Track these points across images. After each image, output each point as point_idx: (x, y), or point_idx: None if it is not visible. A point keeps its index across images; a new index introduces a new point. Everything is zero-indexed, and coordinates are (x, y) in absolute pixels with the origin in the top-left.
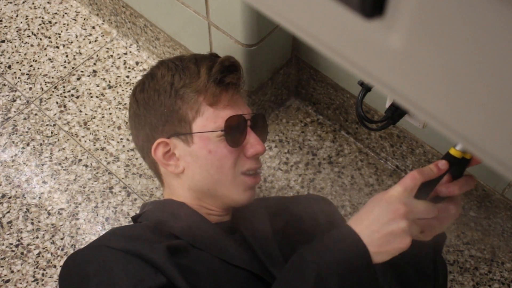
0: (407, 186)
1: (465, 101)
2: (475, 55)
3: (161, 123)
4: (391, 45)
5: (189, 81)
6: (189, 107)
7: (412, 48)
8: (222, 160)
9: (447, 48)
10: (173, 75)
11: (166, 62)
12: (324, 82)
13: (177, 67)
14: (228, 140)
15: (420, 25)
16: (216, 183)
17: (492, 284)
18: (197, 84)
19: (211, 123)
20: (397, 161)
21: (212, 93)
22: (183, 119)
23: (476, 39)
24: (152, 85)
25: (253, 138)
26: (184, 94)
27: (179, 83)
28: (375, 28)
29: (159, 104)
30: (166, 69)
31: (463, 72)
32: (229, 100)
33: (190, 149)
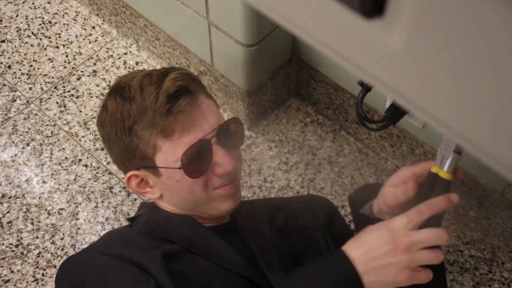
0: (412, 220)
1: (465, 101)
2: (475, 54)
3: (126, 158)
4: (391, 45)
5: (137, 117)
6: (145, 144)
7: (412, 48)
8: (191, 187)
9: (447, 48)
10: (122, 112)
11: (115, 92)
12: (324, 82)
13: (125, 100)
14: (189, 173)
15: (420, 25)
16: (195, 203)
17: (492, 284)
18: (145, 120)
19: (170, 157)
20: (397, 161)
21: (162, 127)
22: (143, 155)
23: (476, 38)
24: (108, 120)
25: (220, 157)
26: (137, 131)
27: (129, 121)
28: (375, 28)
29: (118, 141)
30: (115, 103)
31: (463, 71)
32: (182, 126)
33: (160, 179)
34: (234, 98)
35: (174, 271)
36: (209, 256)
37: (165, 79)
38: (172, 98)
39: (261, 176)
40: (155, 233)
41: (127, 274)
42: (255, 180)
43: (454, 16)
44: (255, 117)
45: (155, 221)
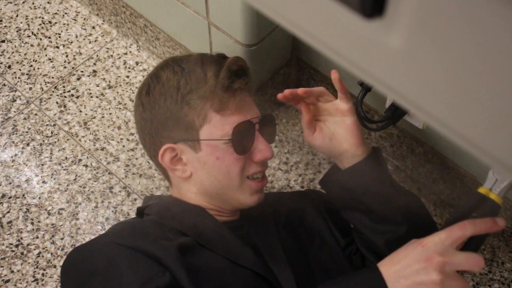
0: (453, 235)
1: (465, 101)
2: (475, 54)
3: (168, 128)
4: (391, 45)
5: (195, 86)
6: (195, 113)
7: (412, 48)
8: (229, 167)
9: (447, 48)
10: (179, 80)
11: (172, 64)
12: (324, 82)
13: (183, 70)
14: (236, 148)
15: (419, 25)
16: (224, 188)
17: (492, 284)
18: (203, 90)
19: (218, 130)
20: (397, 161)
21: (219, 100)
22: (190, 125)
23: (476, 38)
24: (158, 89)
25: (261, 143)
26: (191, 100)
27: (185, 89)
28: (375, 28)
29: (165, 109)
30: (172, 73)
31: (463, 72)
32: (236, 105)
33: (198, 155)
34: None
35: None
36: (220, 251)
37: (226, 59)
38: (234, 75)
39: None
40: (168, 224)
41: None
42: None
43: (454, 16)
44: None
45: (168, 212)
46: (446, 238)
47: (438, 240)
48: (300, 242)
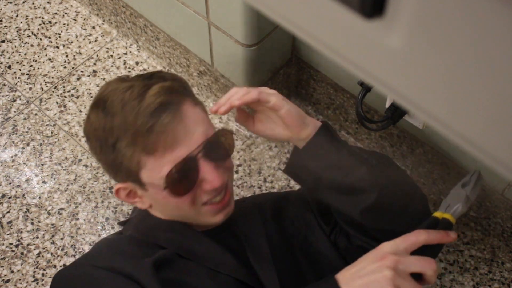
0: (407, 240)
1: (465, 101)
2: (475, 54)
3: (112, 171)
4: (391, 45)
5: (119, 134)
6: (129, 161)
7: (412, 48)
8: (178, 204)
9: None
10: (104, 128)
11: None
12: (324, 82)
13: (106, 115)
14: (174, 193)
15: (420, 25)
16: (184, 217)
17: (492, 284)
18: (127, 138)
19: (155, 173)
20: (397, 161)
21: (144, 146)
22: (128, 171)
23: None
24: (92, 135)
25: (207, 173)
26: (120, 148)
27: (112, 138)
28: (375, 28)
29: (103, 156)
30: (97, 118)
31: (463, 71)
32: (165, 144)
33: (148, 193)
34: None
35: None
36: (201, 260)
37: (146, 93)
38: (153, 115)
39: (261, 176)
40: (145, 239)
41: (118, 286)
42: (255, 180)
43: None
44: None
45: (145, 227)
46: (401, 242)
47: (393, 243)
48: (286, 236)
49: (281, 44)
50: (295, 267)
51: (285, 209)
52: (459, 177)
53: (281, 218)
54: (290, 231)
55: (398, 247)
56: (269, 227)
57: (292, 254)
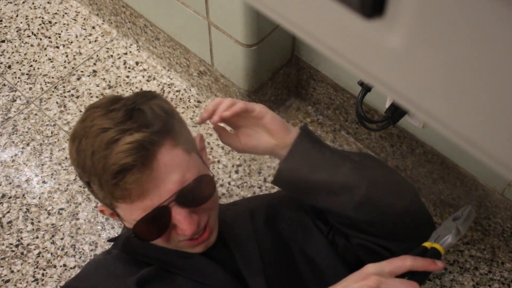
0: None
1: (465, 101)
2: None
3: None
4: (391, 45)
5: (91, 177)
6: (103, 199)
7: (412, 48)
8: (154, 242)
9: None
10: (78, 165)
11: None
12: (324, 82)
13: (79, 155)
14: (145, 238)
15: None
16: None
17: (492, 284)
18: (97, 184)
19: (128, 215)
20: (397, 161)
21: (113, 196)
22: (105, 203)
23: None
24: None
25: (179, 221)
26: (93, 188)
27: (85, 176)
28: (375, 28)
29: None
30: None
31: (463, 71)
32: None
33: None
34: (234, 98)
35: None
36: (186, 273)
37: (113, 149)
38: (117, 175)
39: (261, 176)
40: (133, 255)
41: None
42: (255, 180)
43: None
44: None
45: (131, 245)
46: (386, 264)
47: (378, 265)
48: (282, 239)
49: (281, 44)
50: (293, 271)
51: (280, 212)
52: (459, 177)
53: (275, 222)
54: (286, 234)
55: (383, 269)
56: (261, 233)
57: (290, 258)
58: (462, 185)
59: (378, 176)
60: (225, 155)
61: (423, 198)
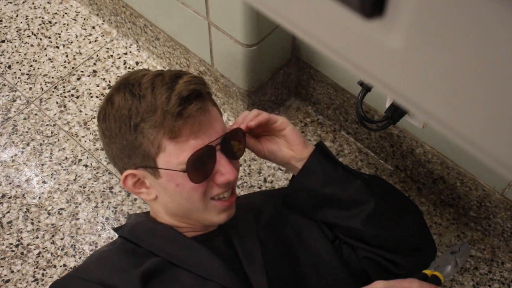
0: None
1: (465, 101)
2: (475, 54)
3: (126, 155)
4: (391, 45)
5: (146, 115)
6: (150, 143)
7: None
8: (190, 193)
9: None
10: (130, 108)
11: (123, 88)
12: (324, 82)
13: (134, 96)
14: (192, 178)
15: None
16: (188, 210)
17: (492, 284)
18: (154, 120)
19: (174, 159)
20: (397, 161)
21: (171, 129)
22: (146, 154)
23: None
24: (112, 116)
25: (223, 166)
26: (143, 129)
27: (136, 118)
28: (375, 28)
29: (121, 137)
30: (123, 98)
31: (463, 71)
32: (191, 131)
33: (159, 181)
34: (234, 98)
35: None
36: (191, 267)
37: (178, 81)
38: (185, 101)
39: (261, 176)
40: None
41: None
42: (255, 180)
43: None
44: None
45: (140, 231)
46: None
47: (388, 283)
48: (286, 241)
49: (281, 44)
50: (295, 273)
51: (285, 215)
52: (459, 177)
53: (280, 224)
54: (290, 237)
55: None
56: (264, 234)
57: (293, 260)
58: (462, 185)
59: (387, 193)
60: None
61: (423, 198)
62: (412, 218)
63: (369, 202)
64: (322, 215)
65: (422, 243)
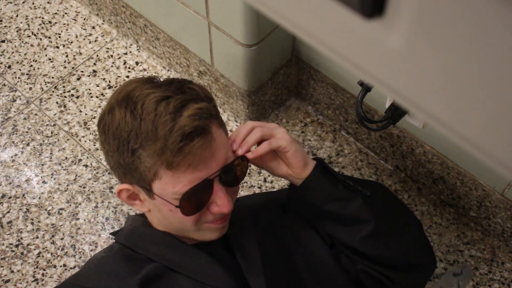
0: None
1: (465, 101)
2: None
3: (122, 172)
4: (391, 45)
5: (145, 143)
6: (146, 169)
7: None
8: (182, 219)
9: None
10: (130, 132)
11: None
12: (324, 82)
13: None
14: (184, 212)
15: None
16: (181, 230)
17: (492, 284)
18: (153, 149)
19: (169, 187)
20: (397, 161)
21: (169, 162)
22: (142, 178)
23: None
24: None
25: (219, 198)
26: (141, 156)
27: (135, 143)
28: (375, 28)
29: (118, 155)
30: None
31: (463, 71)
32: (189, 164)
33: (153, 202)
34: (234, 98)
35: None
36: (190, 273)
37: (183, 112)
38: (187, 138)
39: (261, 176)
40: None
41: None
42: (255, 180)
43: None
44: (255, 117)
45: (136, 237)
46: None
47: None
48: (285, 244)
49: (281, 44)
50: (294, 277)
51: (284, 219)
52: (459, 177)
53: (279, 228)
54: (289, 241)
55: None
56: (263, 237)
57: (292, 264)
58: (462, 185)
59: (388, 213)
60: None
61: (423, 198)
62: (413, 236)
63: (369, 222)
64: (320, 226)
65: (422, 260)
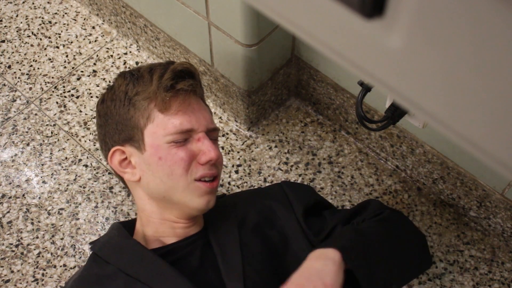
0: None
1: (465, 101)
2: (475, 54)
3: (117, 131)
4: (391, 45)
5: (141, 89)
6: (140, 114)
7: (412, 48)
8: (172, 167)
9: (447, 47)
10: (127, 85)
11: (124, 72)
12: (324, 82)
13: (133, 76)
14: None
15: (420, 24)
16: (170, 189)
17: (492, 284)
18: (148, 91)
19: (161, 130)
20: (397, 161)
21: (162, 99)
22: (135, 126)
23: (476, 38)
24: (110, 96)
25: (206, 145)
26: (136, 102)
27: (132, 92)
28: (375, 28)
29: (115, 113)
30: (123, 79)
31: (463, 71)
32: (180, 105)
33: (143, 156)
34: (234, 98)
35: None
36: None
37: (173, 63)
38: (178, 76)
39: (261, 176)
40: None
41: None
42: (255, 180)
43: (454, 16)
44: (255, 117)
45: (107, 250)
46: None
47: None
48: (272, 245)
49: (281, 44)
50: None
51: (271, 220)
52: (459, 177)
53: (266, 229)
54: (277, 241)
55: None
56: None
57: (279, 262)
58: (462, 185)
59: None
60: (225, 155)
61: (423, 198)
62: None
63: None
64: None
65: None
